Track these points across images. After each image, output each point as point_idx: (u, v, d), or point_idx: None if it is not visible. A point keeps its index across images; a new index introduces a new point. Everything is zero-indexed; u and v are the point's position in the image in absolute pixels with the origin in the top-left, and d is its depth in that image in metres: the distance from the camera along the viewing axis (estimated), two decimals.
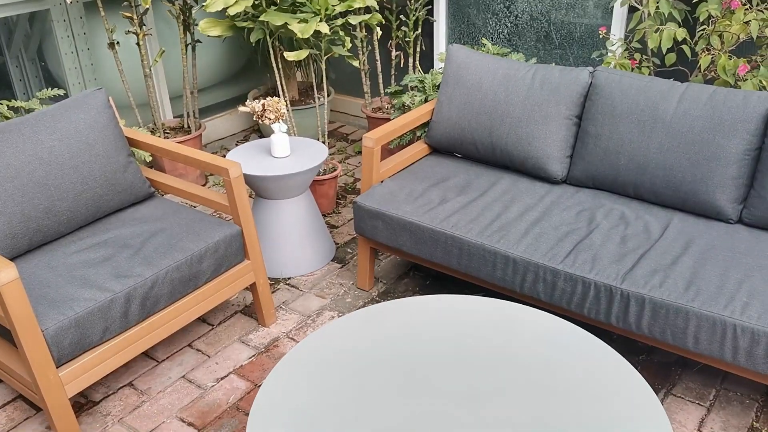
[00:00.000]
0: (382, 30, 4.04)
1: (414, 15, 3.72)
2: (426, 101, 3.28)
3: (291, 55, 3.07)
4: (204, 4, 3.02)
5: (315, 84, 3.48)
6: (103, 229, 2.36)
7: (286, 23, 3.03)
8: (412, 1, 3.69)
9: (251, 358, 2.48)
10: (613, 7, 3.26)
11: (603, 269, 2.11)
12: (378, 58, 3.92)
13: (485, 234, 2.32)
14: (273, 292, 2.85)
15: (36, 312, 1.94)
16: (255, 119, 2.85)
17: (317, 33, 3.18)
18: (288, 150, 2.86)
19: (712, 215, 2.35)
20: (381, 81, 3.96)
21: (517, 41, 3.65)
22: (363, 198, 2.59)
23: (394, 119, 2.86)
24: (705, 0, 2.76)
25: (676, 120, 2.36)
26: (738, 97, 2.29)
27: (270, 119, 2.81)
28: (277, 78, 3.36)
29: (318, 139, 3.81)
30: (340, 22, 3.16)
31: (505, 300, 2.16)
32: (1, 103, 3.00)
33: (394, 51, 3.86)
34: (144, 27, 3.67)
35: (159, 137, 3.11)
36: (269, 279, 2.94)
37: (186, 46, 3.60)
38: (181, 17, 3.51)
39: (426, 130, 3.19)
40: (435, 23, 3.88)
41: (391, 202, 2.54)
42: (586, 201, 2.50)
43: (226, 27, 3.18)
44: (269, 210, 2.86)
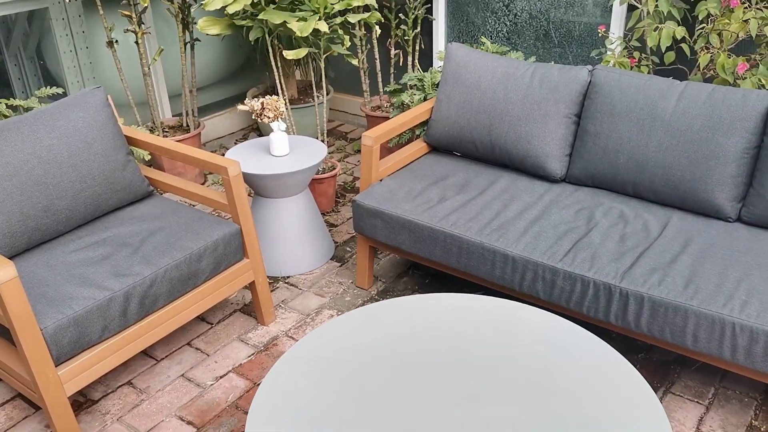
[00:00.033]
0: (381, 28, 4.04)
1: (413, 13, 3.71)
2: (425, 100, 3.28)
3: (290, 54, 3.07)
4: (203, 2, 3.02)
5: (314, 82, 3.48)
6: (102, 228, 2.36)
7: (285, 21, 3.03)
8: (411, 0, 3.69)
9: (250, 356, 2.48)
10: (612, 6, 3.26)
11: (602, 268, 2.11)
12: (377, 56, 3.92)
13: (484, 232, 2.32)
14: (272, 290, 2.85)
15: (35, 311, 1.94)
16: (254, 118, 2.86)
17: (316, 31, 3.18)
18: (287, 148, 2.85)
19: (711, 214, 2.35)
20: (380, 79, 3.96)
21: (517, 40, 3.65)
22: (362, 196, 2.58)
23: (393, 118, 2.86)
24: None
25: (675, 118, 2.36)
26: (737, 96, 2.29)
27: (269, 118, 2.81)
28: (276, 76, 3.36)
29: (317, 138, 3.81)
30: (339, 20, 3.16)
31: (504, 298, 2.16)
32: (0, 102, 2.99)
33: (393, 49, 3.86)
34: (143, 25, 3.67)
35: (158, 136, 3.10)
36: (268, 278, 2.94)
37: (185, 44, 3.59)
38: (180, 16, 3.51)
39: (425, 128, 3.19)
40: (434, 22, 3.88)
41: (390, 200, 2.53)
42: (585, 199, 2.50)
43: (224, 25, 3.18)
44: (268, 208, 2.86)
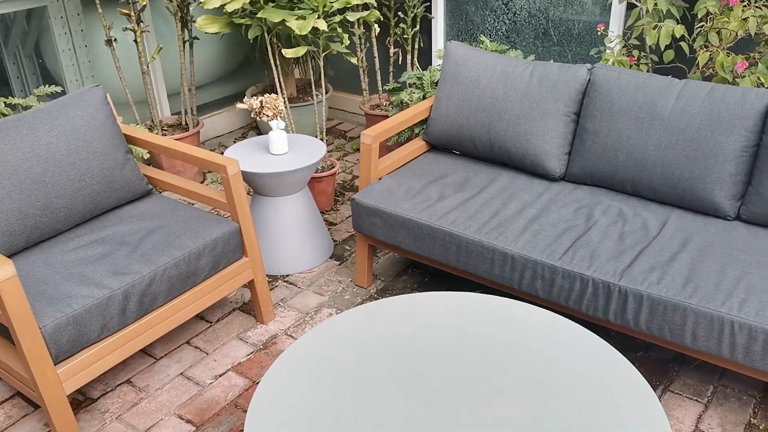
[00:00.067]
0: (380, 27, 4.04)
1: (412, 12, 3.71)
2: (424, 98, 3.28)
3: (289, 52, 3.06)
4: (201, 0, 3.02)
5: (313, 81, 3.47)
6: (101, 227, 2.36)
7: (283, 20, 3.03)
8: None
9: (249, 355, 2.48)
10: (612, 4, 3.26)
11: (601, 266, 2.11)
12: (376, 55, 3.92)
13: (483, 231, 2.32)
14: (271, 289, 2.85)
15: (34, 309, 1.94)
16: (253, 116, 2.85)
17: (315, 30, 3.17)
18: (286, 147, 2.85)
19: (710, 212, 2.35)
20: (379, 78, 3.96)
21: (516, 38, 3.65)
22: (361, 195, 2.58)
23: (392, 116, 2.86)
24: None
25: (674, 117, 2.36)
26: (736, 94, 2.29)
27: (268, 116, 2.81)
28: (275, 75, 3.35)
29: (316, 137, 3.81)
30: (338, 18, 3.16)
31: (504, 297, 2.16)
32: None
33: (392, 48, 3.86)
34: (141, 24, 3.66)
35: (157, 134, 3.10)
36: (267, 276, 2.94)
37: (184, 43, 3.59)
38: (179, 14, 3.50)
39: (424, 127, 3.19)
40: (433, 20, 3.87)
41: (390, 199, 2.53)
42: (584, 198, 2.50)
43: (223, 24, 3.17)
44: (267, 207, 2.85)
